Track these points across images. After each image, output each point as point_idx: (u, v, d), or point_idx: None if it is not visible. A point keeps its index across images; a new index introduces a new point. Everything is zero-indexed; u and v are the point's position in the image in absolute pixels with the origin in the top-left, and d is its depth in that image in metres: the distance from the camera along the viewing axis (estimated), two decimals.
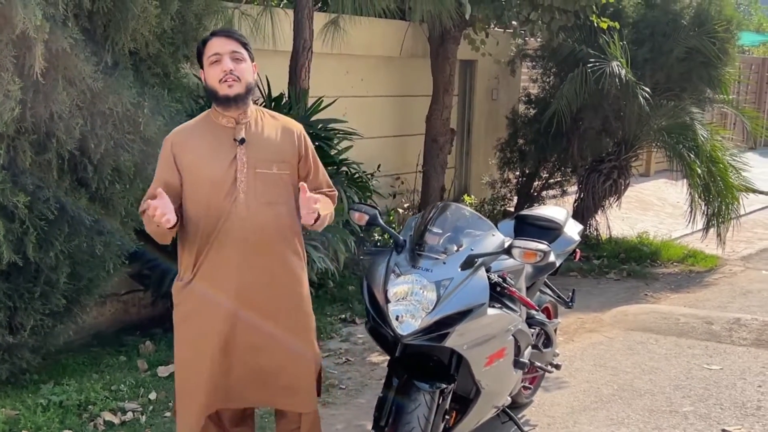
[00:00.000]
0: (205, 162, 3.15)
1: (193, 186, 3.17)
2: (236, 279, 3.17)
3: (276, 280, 3.23)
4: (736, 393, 5.10)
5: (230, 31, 3.25)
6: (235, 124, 3.20)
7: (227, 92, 3.13)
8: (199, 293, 3.19)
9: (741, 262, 8.83)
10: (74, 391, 4.47)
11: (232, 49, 3.15)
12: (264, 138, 3.24)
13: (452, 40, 7.93)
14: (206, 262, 3.18)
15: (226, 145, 3.18)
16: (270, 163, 3.20)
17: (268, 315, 3.22)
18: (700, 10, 8.52)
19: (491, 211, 8.92)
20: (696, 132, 8.07)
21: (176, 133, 3.26)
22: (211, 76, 3.15)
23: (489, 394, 3.76)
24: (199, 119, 3.30)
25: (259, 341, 3.23)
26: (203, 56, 3.19)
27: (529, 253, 3.52)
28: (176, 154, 3.18)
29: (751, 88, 18.40)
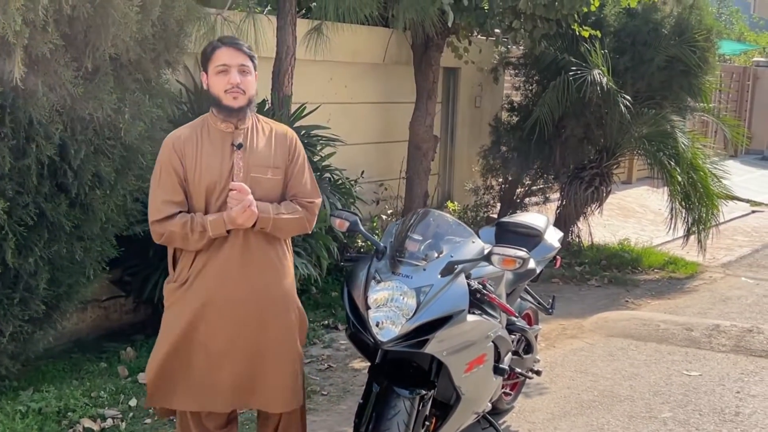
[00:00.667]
0: (203, 165, 3.25)
1: (192, 188, 3.26)
2: (231, 280, 3.27)
3: (268, 282, 3.34)
4: (715, 399, 5.14)
5: (240, 43, 3.33)
6: (234, 129, 3.31)
7: (231, 104, 3.25)
8: (195, 294, 3.27)
9: (721, 269, 8.90)
10: (54, 398, 4.44)
11: (241, 62, 3.26)
12: (260, 144, 3.35)
13: (435, 48, 7.95)
14: (201, 262, 3.27)
15: (224, 149, 3.29)
16: (265, 168, 3.32)
17: (261, 316, 3.31)
18: (680, 19, 8.60)
19: (474, 218, 8.95)
20: (677, 140, 8.14)
21: (175, 137, 3.33)
22: (217, 85, 3.25)
23: (469, 401, 3.77)
24: (196, 123, 3.39)
25: (252, 341, 3.31)
26: (209, 62, 3.28)
27: (509, 260, 3.54)
28: (180, 155, 3.26)
29: (731, 96, 18.55)
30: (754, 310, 7.28)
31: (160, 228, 3.24)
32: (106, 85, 4.33)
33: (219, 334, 3.28)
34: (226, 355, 3.29)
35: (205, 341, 3.28)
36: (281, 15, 5.97)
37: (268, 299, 3.34)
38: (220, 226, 3.20)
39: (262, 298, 3.32)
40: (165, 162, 3.27)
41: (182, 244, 3.25)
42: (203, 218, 3.21)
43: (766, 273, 8.79)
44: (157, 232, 3.26)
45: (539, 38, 7.87)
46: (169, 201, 3.23)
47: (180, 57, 5.06)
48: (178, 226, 3.20)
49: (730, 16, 27.89)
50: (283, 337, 3.37)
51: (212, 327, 3.28)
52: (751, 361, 5.86)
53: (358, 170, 7.50)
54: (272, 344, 3.34)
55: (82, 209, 4.47)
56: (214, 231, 3.20)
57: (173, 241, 3.27)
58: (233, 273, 3.27)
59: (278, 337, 3.36)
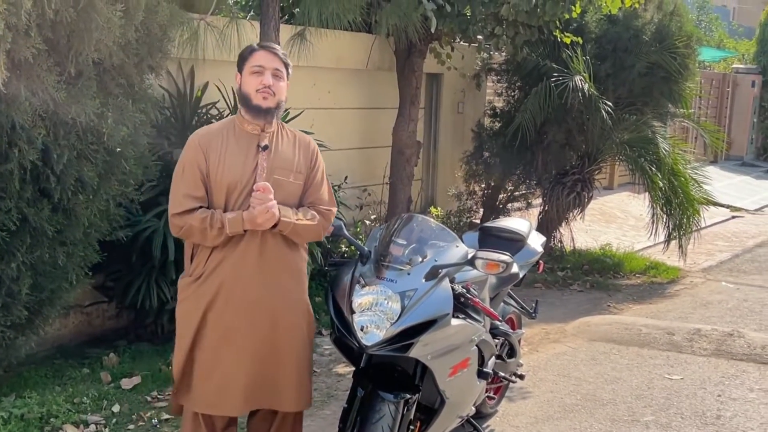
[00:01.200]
0: (228, 164, 3.32)
1: (213, 186, 3.33)
2: (247, 279, 3.33)
3: (283, 284, 3.41)
4: (696, 402, 5.18)
5: (277, 49, 3.47)
6: (260, 132, 3.39)
7: (260, 103, 3.36)
8: (208, 290, 3.34)
9: (702, 274, 8.97)
10: (36, 404, 4.41)
11: (276, 66, 3.39)
12: (284, 148, 3.45)
13: (418, 54, 7.98)
14: (217, 259, 3.34)
15: (249, 150, 3.37)
16: (288, 172, 3.40)
17: (275, 317, 3.38)
18: (661, 26, 8.67)
19: (457, 223, 8.97)
20: (658, 145, 8.20)
21: (201, 134, 3.44)
22: (250, 84, 3.36)
23: (453, 404, 3.78)
24: (223, 124, 3.50)
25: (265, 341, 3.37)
26: (246, 62, 3.40)
27: (492, 264, 3.57)
28: (205, 152, 3.34)
29: (711, 102, 18.71)
30: (734, 314, 7.35)
31: (180, 221, 3.30)
32: (89, 90, 4.31)
33: (232, 333, 3.33)
34: (240, 355, 3.34)
35: (218, 339, 3.34)
36: (264, 20, 5.97)
37: (283, 301, 3.40)
38: (237, 225, 3.26)
39: (276, 299, 3.38)
40: (189, 157, 3.35)
41: (200, 238, 3.30)
42: (222, 215, 3.27)
43: (747, 278, 8.87)
44: (177, 225, 3.33)
45: (521, 45, 7.91)
46: (190, 195, 3.30)
47: (163, 62, 5.04)
48: (198, 221, 3.26)
49: (710, 23, 28.16)
50: (295, 338, 3.44)
51: (226, 325, 3.33)
52: (731, 365, 5.91)
53: (341, 175, 7.50)
54: (285, 345, 3.40)
55: (65, 214, 4.45)
56: (231, 229, 3.25)
57: (191, 235, 3.33)
58: (249, 272, 3.33)
59: (291, 339, 3.42)
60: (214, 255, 3.34)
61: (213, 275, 3.34)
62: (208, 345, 3.36)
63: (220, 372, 3.34)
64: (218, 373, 3.35)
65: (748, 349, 6.20)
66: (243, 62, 3.41)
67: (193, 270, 3.41)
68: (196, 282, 3.38)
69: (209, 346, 3.36)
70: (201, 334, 3.36)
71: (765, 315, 7.32)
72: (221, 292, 3.33)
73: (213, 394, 3.36)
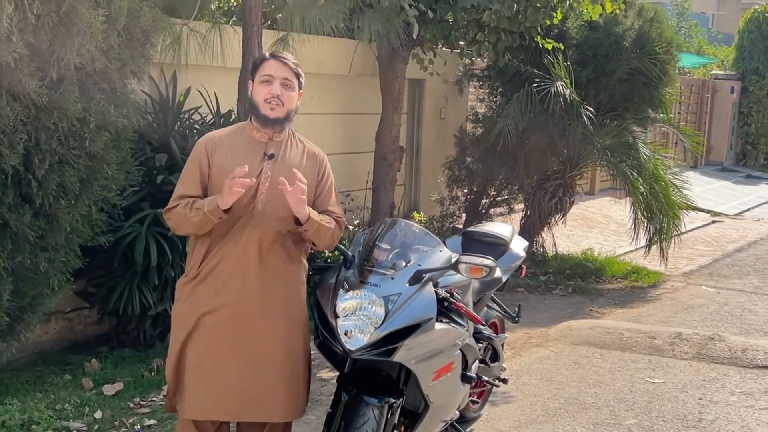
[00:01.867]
0: (230, 168, 3.27)
1: (215, 189, 3.31)
2: (244, 283, 3.31)
3: (280, 290, 3.39)
4: (678, 406, 5.21)
5: (288, 58, 3.43)
6: (268, 140, 3.39)
7: (268, 113, 3.35)
8: (203, 290, 3.33)
9: (683, 278, 9.04)
10: (17, 411, 4.39)
11: (285, 75, 3.36)
12: (290, 157, 3.44)
13: (401, 59, 7.99)
14: (214, 260, 3.33)
15: (255, 157, 3.36)
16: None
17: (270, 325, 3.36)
18: (641, 32, 8.74)
19: (440, 228, 8.99)
20: (638, 151, 8.26)
21: (209, 137, 3.45)
22: (259, 93, 3.36)
23: (437, 409, 3.79)
24: (234, 129, 3.51)
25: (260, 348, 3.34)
26: (257, 71, 3.39)
27: (476, 268, 3.58)
28: (209, 154, 3.35)
29: (691, 108, 18.86)
30: (715, 318, 7.40)
31: (171, 214, 3.34)
32: (71, 95, 4.30)
33: (227, 338, 3.31)
34: (234, 361, 3.31)
35: (212, 344, 3.32)
36: (247, 26, 5.97)
37: (280, 309, 3.38)
38: (212, 202, 3.23)
39: (274, 306, 3.36)
40: (194, 159, 3.38)
41: (186, 224, 3.30)
42: (204, 199, 3.29)
43: (727, 282, 8.94)
44: (170, 219, 3.37)
45: (503, 50, 7.95)
46: (185, 195, 3.33)
47: (146, 67, 5.03)
48: (181, 207, 3.29)
49: (690, 29, 28.39)
50: (291, 347, 3.42)
51: (220, 330, 3.31)
52: (713, 368, 5.96)
53: None
54: (280, 354, 3.38)
55: (47, 219, 4.43)
56: (208, 206, 3.22)
57: (180, 225, 3.34)
58: (247, 278, 3.31)
59: (286, 347, 3.40)
60: (211, 257, 3.33)
61: (210, 277, 3.32)
62: (201, 349, 3.33)
63: (214, 377, 3.31)
64: (212, 378, 3.31)
65: (729, 352, 6.25)
66: (254, 70, 3.41)
67: (189, 270, 3.41)
68: (191, 282, 3.36)
69: (203, 350, 3.32)
70: (194, 337, 3.33)
71: (745, 319, 7.38)
72: (218, 296, 3.31)
73: (206, 400, 3.32)
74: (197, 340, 3.33)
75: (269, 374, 3.36)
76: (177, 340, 3.37)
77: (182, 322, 3.36)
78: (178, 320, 3.39)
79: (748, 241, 11.54)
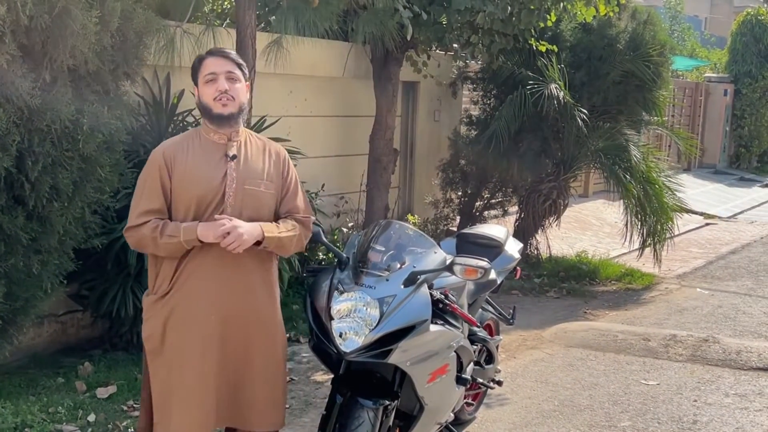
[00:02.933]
0: (195, 176, 3.20)
1: (181, 198, 3.21)
2: (215, 292, 3.21)
3: (253, 296, 3.30)
4: (672, 408, 5.21)
5: (226, 51, 3.34)
6: (227, 141, 3.28)
7: (221, 111, 3.23)
8: (178, 305, 3.21)
9: (676, 280, 9.05)
10: (10, 414, 4.35)
11: (228, 69, 3.26)
12: (253, 156, 3.33)
13: (395, 62, 8.00)
14: (186, 274, 3.21)
15: (217, 160, 3.25)
16: (258, 181, 3.29)
17: (246, 330, 3.28)
18: (635, 34, 8.76)
19: (434, 231, 8.98)
20: (631, 153, 8.28)
21: (166, 146, 3.31)
22: (206, 94, 3.25)
23: (432, 411, 3.78)
24: (189, 134, 3.38)
25: (240, 355, 3.28)
26: (198, 74, 3.28)
27: (471, 270, 3.57)
28: (169, 165, 3.22)
29: (684, 111, 18.92)
30: (709, 320, 7.41)
31: (134, 234, 3.20)
32: (64, 97, 4.28)
33: (204, 351, 3.20)
34: (212, 375, 3.21)
35: (189, 358, 3.20)
36: (241, 28, 5.96)
37: (256, 317, 3.30)
38: (191, 233, 3.13)
39: (249, 315, 3.28)
40: (151, 171, 3.23)
41: (153, 248, 3.19)
42: (177, 224, 3.16)
43: (721, 284, 8.96)
44: (131, 238, 3.23)
45: (497, 53, 7.96)
46: (148, 211, 3.19)
47: (139, 68, 5.03)
48: (149, 230, 3.15)
49: (682, 32, 28.47)
50: (269, 357, 3.35)
51: (197, 342, 3.20)
52: (707, 370, 5.96)
53: (318, 183, 7.49)
54: (259, 363, 3.30)
55: (40, 222, 4.40)
56: (186, 237, 3.13)
57: (145, 246, 3.21)
58: (220, 290, 3.21)
59: (265, 358, 3.33)
60: (181, 270, 3.20)
61: (182, 291, 3.20)
62: (178, 364, 3.20)
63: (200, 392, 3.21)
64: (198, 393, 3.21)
65: (724, 354, 6.25)
66: (196, 73, 3.30)
67: (158, 287, 3.26)
68: (162, 299, 3.23)
69: (180, 365, 3.20)
70: (170, 353, 3.21)
71: (739, 321, 7.39)
72: (196, 309, 3.20)
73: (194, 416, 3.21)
74: (173, 355, 3.21)
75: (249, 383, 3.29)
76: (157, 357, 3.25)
77: (158, 341, 3.24)
78: (154, 339, 3.25)
79: (741, 244, 11.57)
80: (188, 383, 3.21)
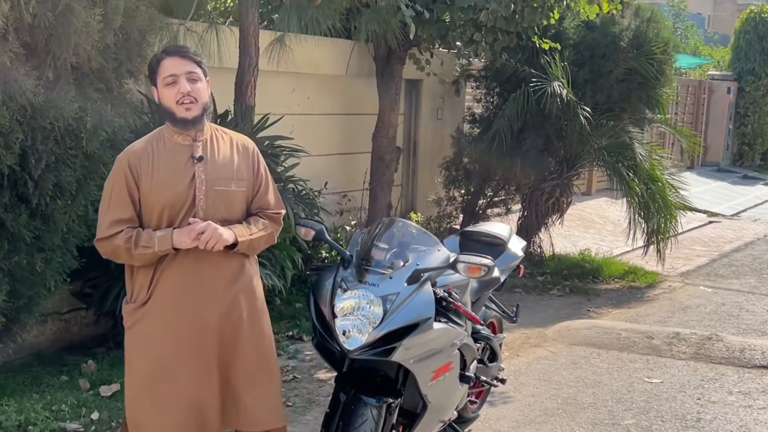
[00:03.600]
0: (163, 181, 3.11)
1: (150, 205, 3.13)
2: (194, 297, 3.14)
3: (233, 297, 3.23)
4: (676, 405, 5.20)
5: (184, 50, 3.21)
6: (192, 142, 3.19)
7: (185, 115, 3.13)
8: (158, 313, 3.14)
9: (680, 278, 9.04)
10: (14, 412, 4.36)
11: (188, 69, 3.14)
12: (221, 155, 3.24)
13: (397, 60, 7.99)
14: (163, 280, 3.14)
15: (183, 163, 3.15)
16: (228, 181, 3.21)
17: (230, 332, 3.22)
18: (638, 32, 8.74)
19: (437, 229, 8.98)
20: (635, 151, 8.26)
21: (130, 152, 3.18)
22: (168, 96, 3.13)
23: (435, 409, 3.78)
24: (151, 137, 3.24)
25: (226, 358, 3.21)
26: (157, 75, 3.16)
27: (474, 268, 3.56)
28: (135, 172, 3.12)
29: (688, 109, 18.89)
30: (713, 318, 7.40)
31: (106, 245, 3.13)
32: (68, 95, 4.28)
33: (192, 358, 3.15)
34: (203, 379, 3.16)
35: (178, 367, 3.14)
36: (243, 26, 5.96)
37: (240, 317, 3.24)
38: (166, 242, 3.07)
39: (233, 315, 3.22)
40: (118, 179, 3.13)
41: (127, 258, 3.11)
42: (151, 233, 3.08)
43: (724, 282, 8.94)
44: (103, 248, 3.15)
45: (500, 51, 7.96)
46: (118, 221, 3.10)
47: (142, 67, 5.00)
48: (123, 240, 3.07)
49: (686, 30, 28.44)
50: (259, 354, 3.30)
51: (183, 351, 3.14)
52: (711, 368, 5.95)
53: (321, 181, 7.50)
54: (246, 365, 3.24)
55: (43, 220, 4.41)
56: (160, 246, 3.06)
57: (119, 256, 3.13)
58: (201, 292, 3.15)
59: (254, 356, 3.27)
60: (158, 278, 3.13)
61: (161, 298, 3.13)
62: (168, 371, 3.13)
63: (190, 399, 3.14)
64: (188, 400, 3.14)
65: (727, 352, 6.25)
66: (154, 75, 3.16)
67: (137, 295, 3.18)
68: (142, 307, 3.15)
69: (169, 373, 3.13)
70: (161, 364, 3.13)
71: (743, 318, 7.38)
72: (179, 315, 3.12)
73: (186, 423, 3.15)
74: (162, 362, 3.14)
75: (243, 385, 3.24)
76: (140, 365, 3.18)
77: (141, 349, 3.17)
78: (138, 346, 3.19)
79: (745, 242, 11.55)
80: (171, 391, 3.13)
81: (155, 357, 3.15)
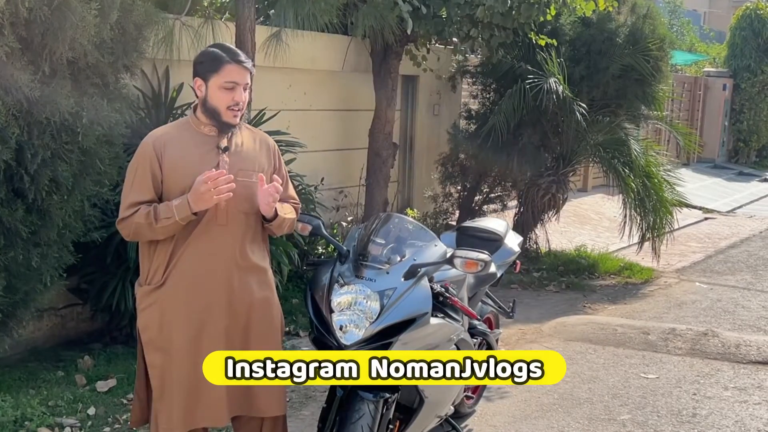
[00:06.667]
0: (187, 168, 3.18)
1: (172, 189, 3.19)
2: (209, 283, 3.21)
3: (248, 281, 3.30)
4: (672, 401, 5.22)
5: (245, 60, 3.26)
6: (218, 133, 3.27)
7: (230, 120, 3.24)
8: (174, 296, 3.20)
9: (675, 275, 9.05)
10: (10, 407, 4.36)
11: (247, 81, 3.25)
12: (244, 147, 3.34)
13: (394, 56, 7.99)
14: (180, 264, 3.20)
15: (208, 152, 3.24)
16: (250, 172, 3.29)
17: (244, 315, 3.29)
18: (634, 28, 8.74)
19: (433, 225, 8.97)
20: (631, 147, 8.27)
21: (155, 136, 3.26)
22: (220, 99, 3.19)
23: (432, 404, 3.78)
24: (178, 125, 3.35)
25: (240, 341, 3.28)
26: (215, 74, 3.18)
27: (471, 263, 3.57)
28: (159, 155, 3.19)
29: (684, 105, 18.91)
30: (708, 314, 7.42)
31: (127, 224, 3.17)
32: (64, 89, 4.27)
33: (206, 338, 3.21)
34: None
35: (193, 346, 3.19)
36: (240, 21, 5.95)
37: (252, 301, 3.30)
38: (184, 209, 3.10)
39: (246, 299, 3.28)
40: (142, 162, 3.19)
41: (150, 234, 3.15)
42: (168, 204, 3.12)
43: (720, 278, 8.96)
44: (125, 229, 3.21)
45: (496, 47, 7.95)
46: (138, 203, 3.15)
47: (138, 61, 5.02)
48: (143, 217, 3.11)
49: (682, 27, 28.48)
50: (269, 340, 3.35)
51: (199, 330, 3.20)
52: (706, 364, 5.96)
53: (317, 177, 7.49)
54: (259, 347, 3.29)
55: (39, 215, 4.40)
56: (180, 214, 3.09)
57: (142, 234, 3.18)
58: (221, 277, 3.21)
59: (265, 341, 3.33)
60: (177, 260, 3.19)
61: (181, 282, 3.18)
62: (183, 353, 3.19)
63: (202, 385, 3.18)
64: (199, 386, 3.19)
65: (723, 348, 6.26)
66: (210, 72, 3.19)
67: (152, 277, 3.24)
68: (157, 290, 3.20)
69: (184, 355, 3.19)
70: (172, 342, 3.19)
71: (738, 314, 7.40)
72: (194, 300, 3.18)
73: (195, 409, 3.21)
74: (175, 345, 3.19)
75: None
76: (156, 347, 3.23)
77: (155, 331, 3.22)
78: (150, 330, 3.23)
79: (740, 238, 11.58)
80: (188, 372, 3.20)
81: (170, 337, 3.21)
